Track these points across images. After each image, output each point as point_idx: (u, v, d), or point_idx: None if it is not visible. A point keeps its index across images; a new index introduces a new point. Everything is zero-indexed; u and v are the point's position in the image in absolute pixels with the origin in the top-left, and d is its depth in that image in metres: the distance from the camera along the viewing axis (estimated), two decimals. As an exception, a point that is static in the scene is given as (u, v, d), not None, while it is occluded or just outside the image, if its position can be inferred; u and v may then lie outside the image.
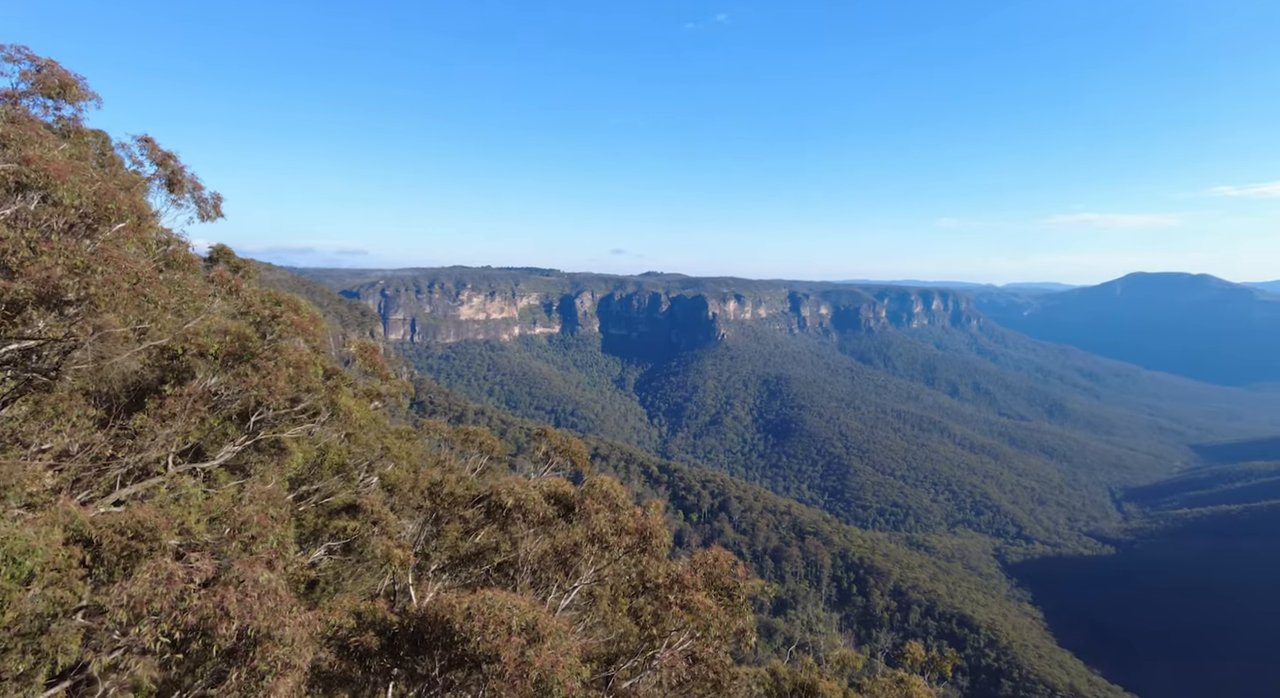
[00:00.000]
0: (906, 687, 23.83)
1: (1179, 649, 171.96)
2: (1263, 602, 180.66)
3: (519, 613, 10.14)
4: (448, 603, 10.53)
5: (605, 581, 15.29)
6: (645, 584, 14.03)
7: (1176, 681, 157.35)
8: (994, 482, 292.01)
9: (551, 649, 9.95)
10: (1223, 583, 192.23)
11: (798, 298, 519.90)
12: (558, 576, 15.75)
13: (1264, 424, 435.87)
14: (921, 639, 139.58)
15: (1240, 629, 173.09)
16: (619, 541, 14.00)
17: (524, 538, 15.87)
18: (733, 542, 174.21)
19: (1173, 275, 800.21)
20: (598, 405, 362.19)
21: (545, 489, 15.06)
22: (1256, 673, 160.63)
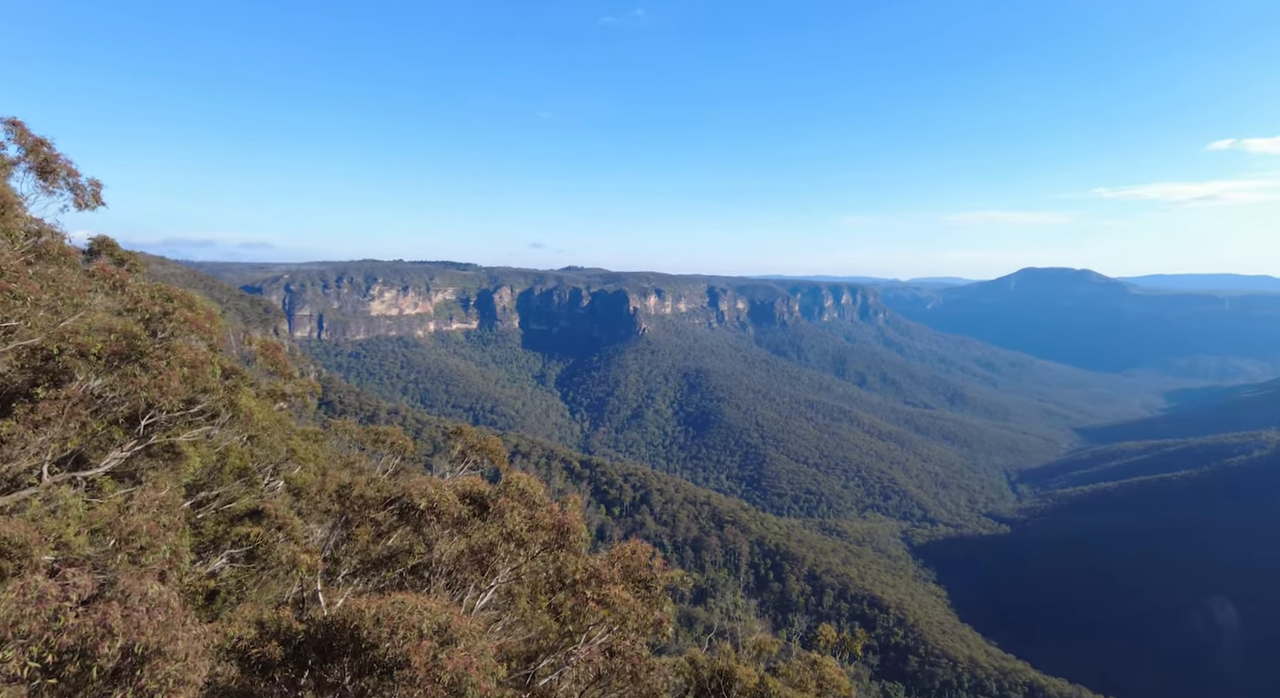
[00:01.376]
0: (819, 668, 24.66)
1: (1065, 619, 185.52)
2: (1135, 572, 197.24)
3: (431, 616, 9.94)
4: (357, 608, 10.21)
5: (523, 579, 15.19)
6: (563, 581, 14.01)
7: (1064, 648, 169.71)
8: (901, 468, 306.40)
9: (465, 651, 9.81)
10: (1102, 556, 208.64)
11: (716, 293, 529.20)
12: (474, 576, 15.51)
13: (1135, 407, 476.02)
14: (835, 621, 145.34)
15: (1117, 598, 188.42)
16: (535, 538, 13.92)
17: (438, 539, 15.56)
18: (654, 534, 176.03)
19: (1059, 271, 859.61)
20: (518, 402, 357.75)
21: (459, 489, 14.80)
22: (1133, 638, 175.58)
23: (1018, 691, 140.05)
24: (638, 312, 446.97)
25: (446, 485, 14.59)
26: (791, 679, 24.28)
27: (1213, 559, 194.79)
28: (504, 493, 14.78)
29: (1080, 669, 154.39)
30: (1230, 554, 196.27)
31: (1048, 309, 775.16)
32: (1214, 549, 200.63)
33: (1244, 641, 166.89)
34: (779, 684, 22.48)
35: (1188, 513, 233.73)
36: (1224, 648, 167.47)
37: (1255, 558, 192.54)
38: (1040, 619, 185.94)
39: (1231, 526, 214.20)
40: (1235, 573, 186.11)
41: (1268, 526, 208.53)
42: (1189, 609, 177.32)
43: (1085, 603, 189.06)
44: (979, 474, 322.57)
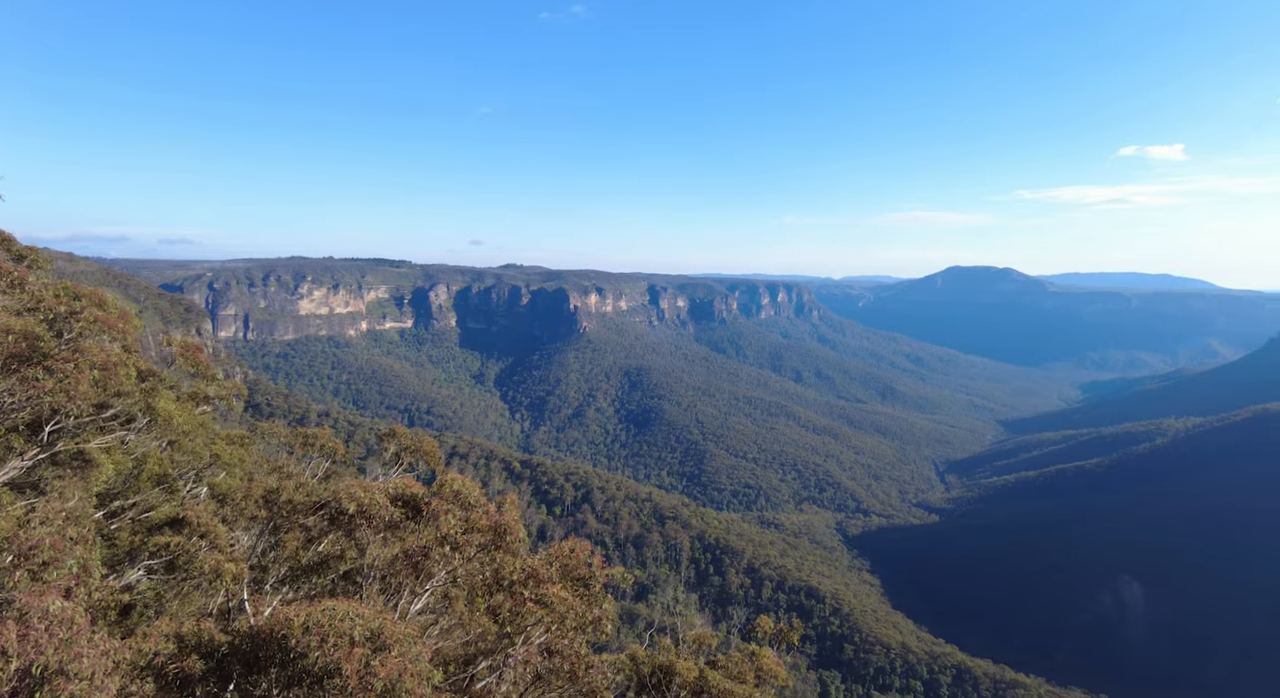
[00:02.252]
0: (757, 659, 25.04)
1: (990, 602, 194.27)
2: (1054, 555, 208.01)
3: (363, 622, 9.70)
4: (285, 617, 9.86)
5: (460, 581, 14.96)
6: (500, 582, 13.87)
7: (988, 630, 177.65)
8: (835, 461, 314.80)
9: (399, 657, 9.61)
10: (1024, 541, 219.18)
11: (657, 291, 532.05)
12: (409, 580, 15.21)
13: (1053, 400, 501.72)
14: (773, 612, 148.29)
15: (1037, 580, 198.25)
16: (471, 539, 13.74)
17: (371, 543, 15.19)
18: (596, 532, 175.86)
19: (983, 269, 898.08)
20: (455, 402, 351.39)
21: (392, 492, 14.47)
22: (1050, 616, 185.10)
23: (947, 673, 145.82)
24: (578, 310, 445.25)
25: (378, 489, 14.25)
26: (730, 672, 24.63)
27: (1121, 540, 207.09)
28: (438, 495, 14.53)
29: (1003, 649, 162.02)
30: (1136, 535, 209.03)
31: (973, 306, 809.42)
32: (1122, 531, 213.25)
33: (1147, 614, 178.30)
34: (718, 677, 22.78)
35: (1100, 498, 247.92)
36: (1129, 622, 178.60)
37: (1157, 538, 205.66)
38: (967, 604, 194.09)
39: (1137, 508, 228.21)
40: (1141, 552, 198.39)
41: (1168, 507, 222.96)
42: (1100, 588, 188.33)
43: (1008, 586, 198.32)
44: (909, 466, 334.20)
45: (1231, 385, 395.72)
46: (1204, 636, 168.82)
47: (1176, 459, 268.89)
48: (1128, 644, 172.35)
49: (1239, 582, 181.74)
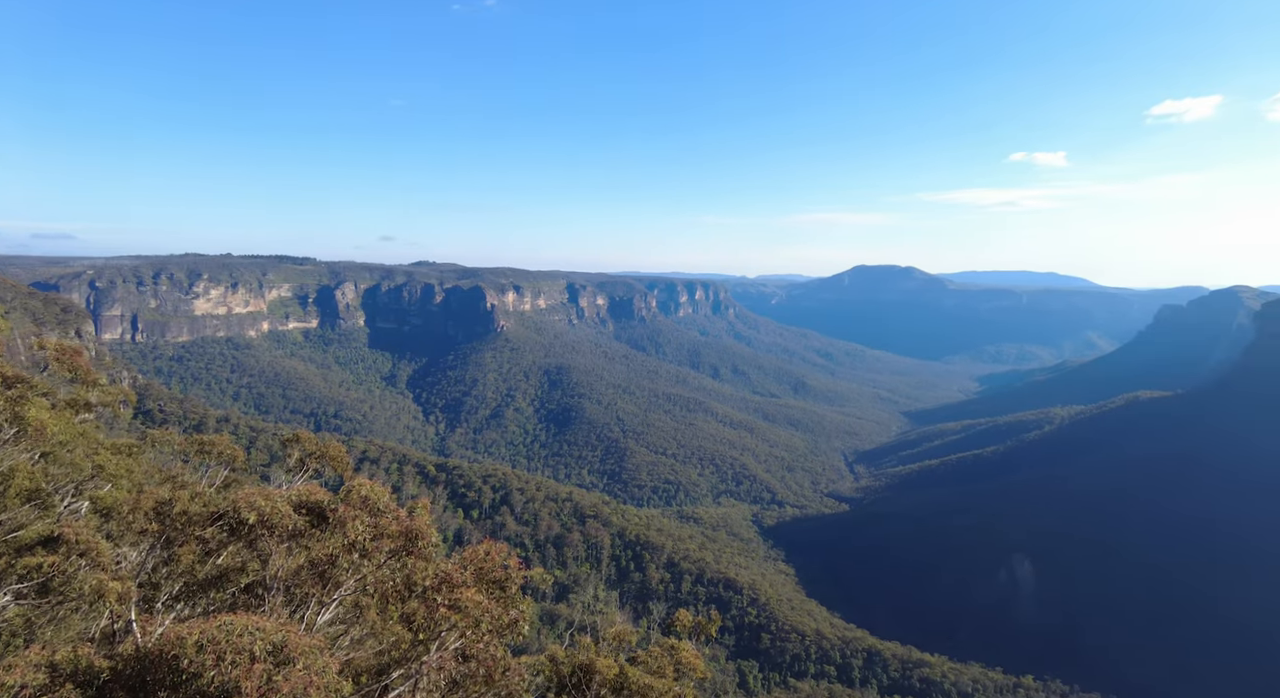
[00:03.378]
0: (676, 653, 25.40)
1: (898, 586, 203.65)
2: (954, 538, 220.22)
3: (264, 636, 9.24)
4: (176, 636, 9.27)
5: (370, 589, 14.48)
6: (412, 588, 13.51)
7: (896, 613, 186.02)
8: (751, 454, 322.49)
9: (304, 670, 9.22)
10: (927, 526, 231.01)
11: (576, 289, 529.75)
12: (315, 590, 14.61)
13: (953, 392, 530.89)
14: (693, 606, 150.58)
15: (941, 564, 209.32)
16: (381, 546, 13.31)
17: (274, 554, 14.50)
18: (515, 534, 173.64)
19: (888, 268, 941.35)
20: (365, 405, 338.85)
21: (295, 499, 13.83)
22: (951, 597, 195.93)
23: (859, 657, 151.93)
24: (495, 308, 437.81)
25: (281, 496, 13.59)
26: (650, 667, 24.88)
27: (1015, 523, 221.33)
28: (346, 502, 14.00)
29: (910, 631, 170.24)
30: (1027, 517, 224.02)
31: (878, 303, 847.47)
32: (1015, 514, 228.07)
33: (1037, 591, 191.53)
34: (638, 673, 22.96)
35: (996, 483, 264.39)
36: (1022, 599, 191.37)
37: (1045, 519, 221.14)
38: (876, 589, 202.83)
39: (1028, 492, 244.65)
40: (1031, 533, 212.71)
41: (1055, 489, 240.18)
42: (996, 568, 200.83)
43: (913, 570, 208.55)
44: (821, 457, 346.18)
45: (1108, 375, 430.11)
46: (1084, 608, 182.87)
47: (1062, 445, 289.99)
48: (1020, 620, 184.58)
49: (1113, 557, 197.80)
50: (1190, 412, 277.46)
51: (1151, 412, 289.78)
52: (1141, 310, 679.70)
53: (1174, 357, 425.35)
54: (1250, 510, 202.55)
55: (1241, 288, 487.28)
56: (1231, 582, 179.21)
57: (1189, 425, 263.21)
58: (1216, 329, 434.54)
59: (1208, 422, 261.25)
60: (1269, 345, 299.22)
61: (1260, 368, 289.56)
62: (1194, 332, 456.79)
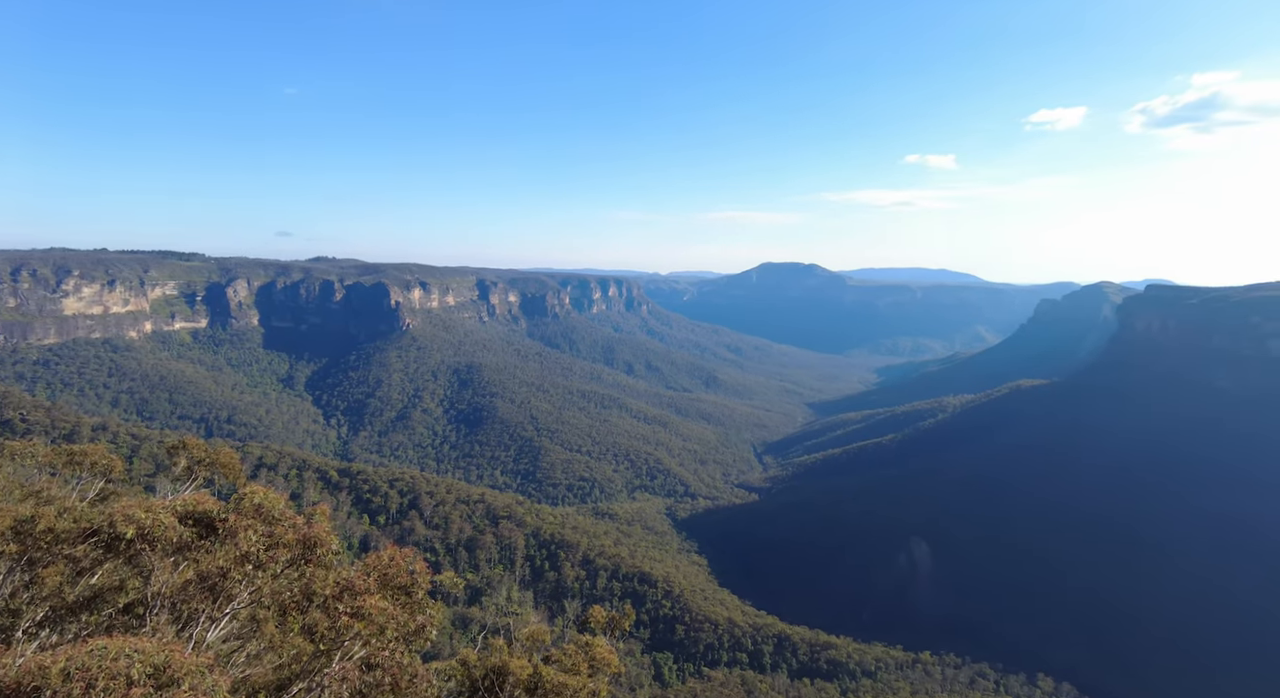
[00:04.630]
0: (591, 649, 25.49)
1: (805, 572, 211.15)
2: (858, 524, 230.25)
3: (143, 658, 8.64)
4: (38, 665, 8.52)
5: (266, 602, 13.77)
6: (311, 598, 12.94)
7: (804, 598, 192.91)
8: (665, 448, 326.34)
9: (190, 691, 8.69)
10: (832, 514, 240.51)
11: (486, 285, 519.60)
12: (205, 605, 13.77)
13: (854, 383, 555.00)
14: (608, 601, 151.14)
15: (844, 549, 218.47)
16: (277, 556, 12.68)
17: (157, 569, 13.56)
18: (425, 539, 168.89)
19: (792, 265, 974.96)
20: (261, 409, 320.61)
21: (181, 509, 12.98)
22: (855, 580, 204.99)
23: (769, 643, 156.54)
24: (400, 306, 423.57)
25: (163, 508, 12.72)
26: (565, 665, 24.83)
27: (912, 507, 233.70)
28: (238, 511, 13.25)
29: (816, 615, 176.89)
30: (923, 502, 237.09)
31: (784, 299, 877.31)
32: (912, 499, 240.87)
33: (933, 572, 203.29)
34: (552, 672, 22.88)
35: (894, 470, 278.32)
36: (919, 580, 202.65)
37: (940, 503, 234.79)
38: (785, 575, 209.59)
39: (924, 477, 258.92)
40: (927, 516, 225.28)
41: (948, 474, 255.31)
42: (896, 552, 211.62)
43: (819, 556, 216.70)
44: (731, 449, 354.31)
45: (994, 366, 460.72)
46: (972, 586, 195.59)
47: (953, 432, 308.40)
48: (918, 599, 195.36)
49: (994, 538, 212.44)
50: (1059, 400, 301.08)
51: (1031, 399, 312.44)
52: (1023, 304, 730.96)
53: (1051, 348, 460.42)
54: (1102, 494, 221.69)
55: (1106, 283, 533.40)
56: (1090, 557, 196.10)
57: (1058, 413, 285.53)
58: (1086, 322, 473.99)
59: (1072, 410, 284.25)
60: (1127, 337, 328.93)
61: (1118, 359, 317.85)
62: (1068, 324, 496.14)
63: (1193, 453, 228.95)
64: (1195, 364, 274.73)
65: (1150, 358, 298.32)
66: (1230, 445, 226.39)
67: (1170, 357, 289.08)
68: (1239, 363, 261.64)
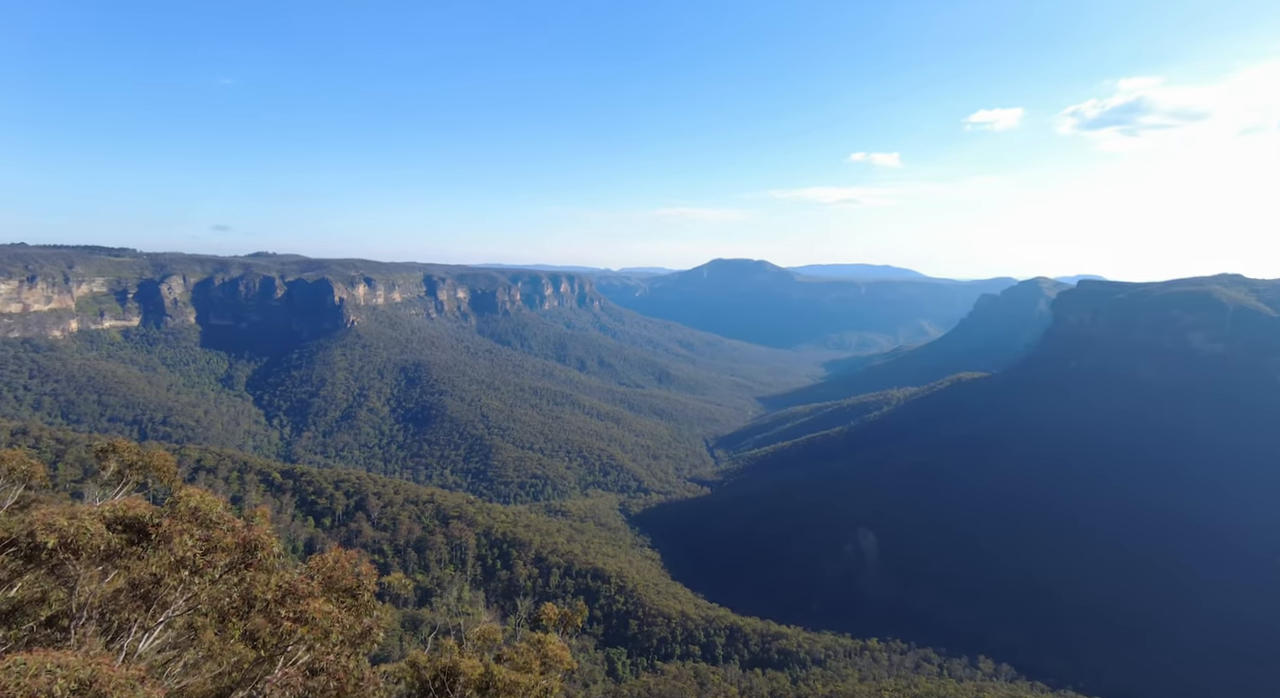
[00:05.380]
0: (543, 646, 25.37)
1: (755, 564, 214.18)
2: (806, 515, 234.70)
3: (68, 672, 8.21)
4: (-49, 684, 8.03)
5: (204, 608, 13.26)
6: (251, 603, 12.51)
7: (756, 591, 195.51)
8: (618, 444, 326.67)
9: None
10: (781, 505, 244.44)
11: (434, 281, 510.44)
12: (138, 614, 13.19)
13: (802, 377, 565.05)
14: (561, 599, 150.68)
15: (794, 540, 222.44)
16: (215, 560, 12.22)
17: (83, 578, 12.92)
18: (373, 540, 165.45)
19: (742, 261, 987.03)
20: (199, 410, 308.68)
21: (110, 515, 12.38)
22: (804, 571, 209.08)
23: (721, 635, 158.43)
24: (345, 302, 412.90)
25: (90, 514, 12.12)
26: (517, 663, 24.64)
27: (859, 498, 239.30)
28: (172, 515, 12.71)
29: (767, 606, 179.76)
30: (869, 492, 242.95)
31: (734, 295, 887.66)
32: (858, 490, 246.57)
33: (879, 560, 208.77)
34: (504, 671, 22.67)
35: (841, 462, 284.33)
36: (866, 568, 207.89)
37: (885, 493, 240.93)
38: (736, 567, 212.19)
39: (870, 468, 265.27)
40: (873, 506, 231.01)
41: (893, 465, 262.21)
42: (843, 541, 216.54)
43: (769, 547, 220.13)
44: (684, 444, 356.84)
45: (935, 360, 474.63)
46: (917, 574, 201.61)
47: (897, 424, 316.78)
48: (865, 588, 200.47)
49: (935, 526, 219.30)
50: (998, 392, 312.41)
51: (971, 391, 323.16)
52: (964, 299, 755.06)
53: (991, 341, 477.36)
54: (1037, 483, 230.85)
55: (1042, 279, 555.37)
56: (1027, 543, 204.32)
57: (997, 405, 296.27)
58: (1023, 316, 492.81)
59: (1009, 402, 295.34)
60: (1060, 331, 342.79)
61: (1052, 352, 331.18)
62: (1006, 318, 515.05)
63: (1119, 443, 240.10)
64: (1122, 357, 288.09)
65: (1082, 351, 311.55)
66: (1154, 436, 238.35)
67: (1100, 350, 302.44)
68: (1161, 356, 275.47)
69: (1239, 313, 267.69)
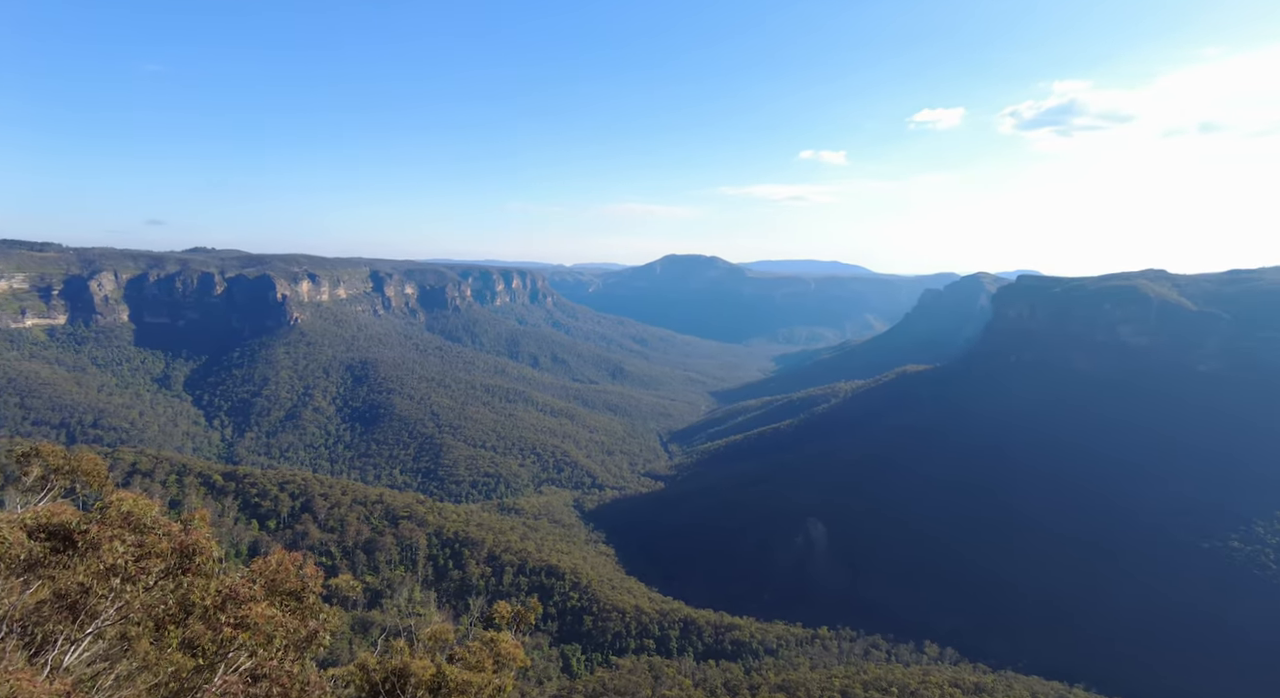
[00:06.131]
0: (495, 644, 25.13)
1: (709, 557, 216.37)
2: (758, 507, 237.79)
3: (-14, 688, 7.78)
4: None
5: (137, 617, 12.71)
6: (188, 610, 12.06)
7: (710, 583, 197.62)
8: (572, 441, 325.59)
9: (45, 720, 7.89)
10: (733, 498, 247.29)
11: (381, 277, 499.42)
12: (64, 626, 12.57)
13: (754, 372, 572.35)
14: (515, 596, 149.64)
15: (746, 532, 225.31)
16: (149, 567, 11.72)
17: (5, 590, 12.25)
18: (320, 542, 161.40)
19: (694, 257, 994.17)
20: (133, 412, 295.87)
21: (31, 522, 11.77)
22: (755, 562, 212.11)
23: (675, 628, 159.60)
24: (288, 299, 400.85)
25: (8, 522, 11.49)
26: (469, 663, 24.33)
27: (808, 489, 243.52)
28: (101, 521, 12.14)
29: (720, 598, 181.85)
30: (818, 483, 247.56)
31: (687, 290, 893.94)
32: (808, 481, 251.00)
33: (829, 550, 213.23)
34: (456, 670, 22.35)
35: (791, 454, 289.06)
36: (816, 558, 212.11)
37: (834, 483, 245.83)
38: (689, 560, 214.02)
39: (819, 460, 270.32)
40: (823, 497, 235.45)
41: (840, 456, 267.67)
42: (794, 532, 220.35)
43: (722, 540, 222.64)
44: (638, 439, 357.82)
45: (882, 354, 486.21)
46: (865, 562, 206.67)
47: (846, 416, 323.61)
48: (816, 576, 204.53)
49: (887, 515, 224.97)
50: (941, 385, 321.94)
51: (916, 383, 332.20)
52: (909, 294, 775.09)
53: (934, 335, 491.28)
54: (979, 472, 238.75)
55: (983, 274, 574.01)
56: (970, 531, 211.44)
57: (941, 397, 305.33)
58: (965, 310, 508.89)
59: (952, 393, 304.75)
60: (1000, 325, 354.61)
61: (993, 345, 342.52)
62: (949, 312, 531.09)
63: (1055, 433, 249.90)
64: (1058, 350, 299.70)
65: (1020, 344, 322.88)
66: (1087, 426, 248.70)
67: (1038, 343, 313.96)
68: (1094, 348, 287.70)
69: (1163, 307, 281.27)
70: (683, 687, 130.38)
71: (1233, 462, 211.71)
